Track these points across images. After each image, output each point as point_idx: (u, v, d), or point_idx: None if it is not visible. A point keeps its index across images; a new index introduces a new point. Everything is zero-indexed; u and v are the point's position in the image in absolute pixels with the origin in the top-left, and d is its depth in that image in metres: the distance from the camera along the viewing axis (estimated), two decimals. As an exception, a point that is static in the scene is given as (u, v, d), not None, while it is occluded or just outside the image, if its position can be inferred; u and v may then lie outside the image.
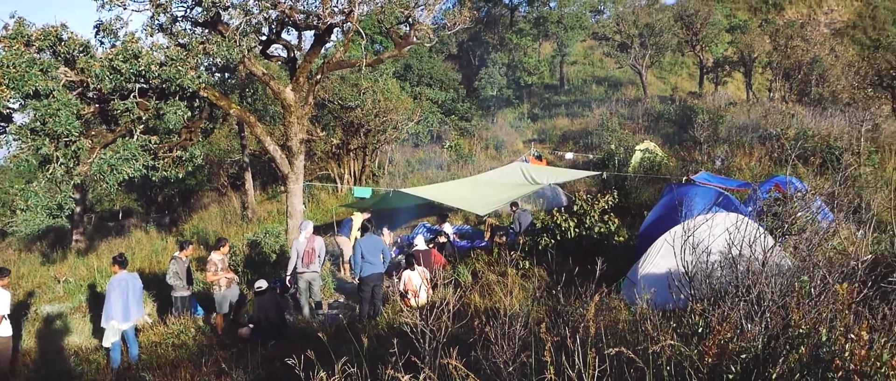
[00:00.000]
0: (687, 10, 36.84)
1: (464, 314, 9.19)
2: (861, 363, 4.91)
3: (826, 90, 28.87)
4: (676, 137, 26.12)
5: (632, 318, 8.28)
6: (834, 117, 23.44)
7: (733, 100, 32.96)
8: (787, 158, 19.15)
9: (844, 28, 46.48)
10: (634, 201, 18.37)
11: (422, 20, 16.23)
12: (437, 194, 16.83)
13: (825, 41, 35.32)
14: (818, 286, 6.42)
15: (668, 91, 37.97)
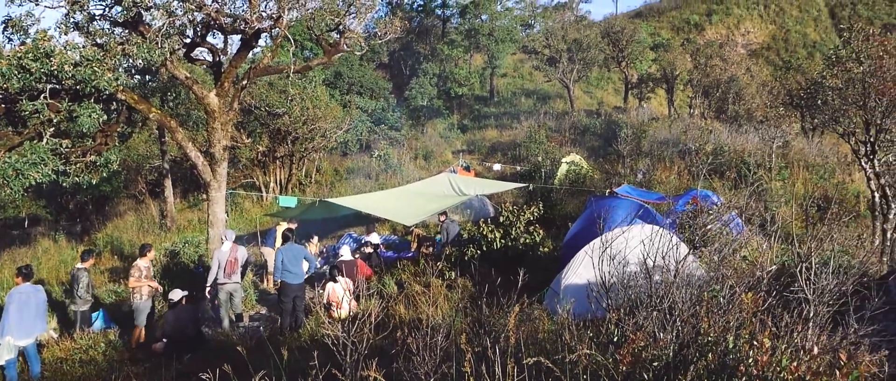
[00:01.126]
0: (614, 28, 37.82)
1: (388, 326, 9.13)
2: (763, 368, 5.10)
3: (742, 108, 30.08)
4: (601, 150, 26.72)
5: (553, 328, 8.41)
6: (748, 134, 24.46)
7: (656, 115, 33.99)
8: (703, 172, 19.88)
9: (760, 49, 48.67)
10: (559, 212, 18.68)
11: (353, 28, 16.13)
12: (365, 204, 16.68)
13: (742, 61, 36.85)
14: (727, 296, 6.65)
15: (594, 105, 38.82)
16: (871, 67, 15.94)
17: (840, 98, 16.77)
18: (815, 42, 47.37)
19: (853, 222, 17.05)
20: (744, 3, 51.99)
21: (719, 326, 5.99)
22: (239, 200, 22.51)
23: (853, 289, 6.57)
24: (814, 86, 18.84)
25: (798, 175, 20.71)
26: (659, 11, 54.43)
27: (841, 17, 48.81)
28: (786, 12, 51.10)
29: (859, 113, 16.28)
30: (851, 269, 6.85)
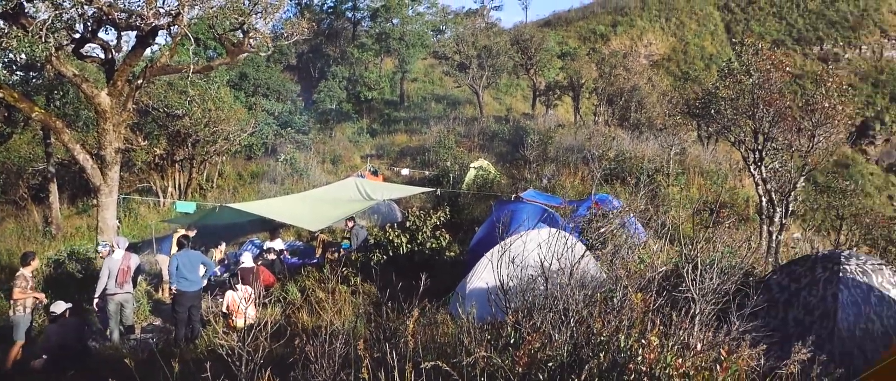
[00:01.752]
0: (523, 36, 38.55)
1: (290, 334, 8.91)
2: (651, 365, 5.23)
3: (643, 116, 31.18)
4: (509, 155, 27.08)
5: (454, 332, 8.42)
6: (649, 141, 25.36)
7: (562, 122, 34.80)
8: (606, 177, 20.47)
9: (661, 60, 50.73)
10: (466, 217, 18.79)
11: (259, 28, 15.72)
12: (269, 210, 16.27)
13: (644, 71, 38.24)
14: (620, 297, 6.80)
15: (503, 111, 39.40)
16: (759, 79, 16.78)
17: (732, 108, 17.57)
18: (711, 55, 49.74)
19: (743, 224, 17.94)
20: (647, 16, 54.10)
21: (612, 326, 6.14)
22: (134, 205, 21.43)
23: (737, 288, 6.84)
24: (708, 96, 19.70)
25: (694, 180, 21.62)
26: (567, 21, 55.94)
27: (735, 32, 51.44)
28: (685, 26, 53.50)
29: (749, 122, 17.12)
30: (735, 269, 7.11)
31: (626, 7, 55.61)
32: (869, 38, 49.57)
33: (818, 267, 8.86)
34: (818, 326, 8.27)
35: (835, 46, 49.74)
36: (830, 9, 52.26)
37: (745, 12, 54.56)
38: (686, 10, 54.82)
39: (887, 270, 8.90)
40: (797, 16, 52.76)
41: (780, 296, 9.00)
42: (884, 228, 19.42)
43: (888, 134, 43.82)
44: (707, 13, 54.85)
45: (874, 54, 49.17)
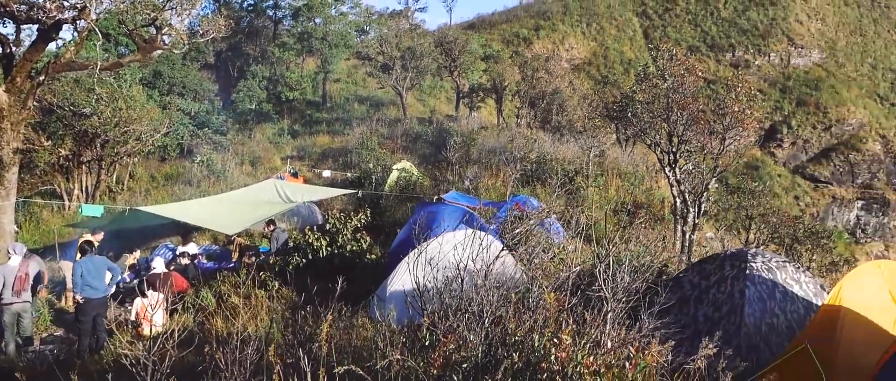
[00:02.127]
0: (447, 38, 38.60)
1: (200, 341, 8.61)
2: (563, 364, 5.26)
3: (564, 119, 31.74)
4: (432, 157, 27.07)
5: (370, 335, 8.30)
6: (569, 143, 25.81)
7: (485, 124, 35.04)
8: (527, 179, 20.70)
9: (582, 64, 51.81)
10: (389, 219, 18.69)
11: (174, 24, 15.15)
12: (183, 213, 15.71)
13: (565, 75, 38.98)
14: (535, 296, 6.82)
15: (426, 113, 39.40)
16: (674, 83, 17.29)
17: (648, 112, 18.04)
18: (630, 60, 51.13)
19: (658, 224, 18.44)
20: (568, 21, 55.15)
21: (527, 325, 6.16)
22: (35, 209, 20.28)
23: (648, 286, 6.96)
24: (626, 100, 20.18)
25: (612, 182, 22.11)
26: (491, 24, 56.44)
27: (653, 38, 53.05)
28: (605, 31, 54.83)
29: (664, 125, 17.61)
30: (648, 268, 7.23)
31: (549, 11, 56.56)
32: (777, 46, 51.99)
33: (726, 265, 9.13)
34: (726, 321, 8.52)
35: (746, 53, 51.95)
36: (742, 17, 54.57)
37: (663, 19, 56.36)
38: (606, 16, 56.19)
39: (790, 267, 9.26)
40: (711, 23, 54.85)
41: (692, 293, 9.24)
42: (789, 227, 20.35)
43: (794, 137, 46.02)
44: (626, 19, 56.39)
45: (782, 61, 51.60)
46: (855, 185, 44.79)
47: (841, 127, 46.40)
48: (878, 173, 45.15)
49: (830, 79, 49.99)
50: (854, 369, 7.22)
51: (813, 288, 9.02)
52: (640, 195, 21.32)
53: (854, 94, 49.18)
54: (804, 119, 46.68)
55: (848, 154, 45.28)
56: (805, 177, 44.84)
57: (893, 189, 45.22)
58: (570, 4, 57.62)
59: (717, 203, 21.09)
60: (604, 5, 57.38)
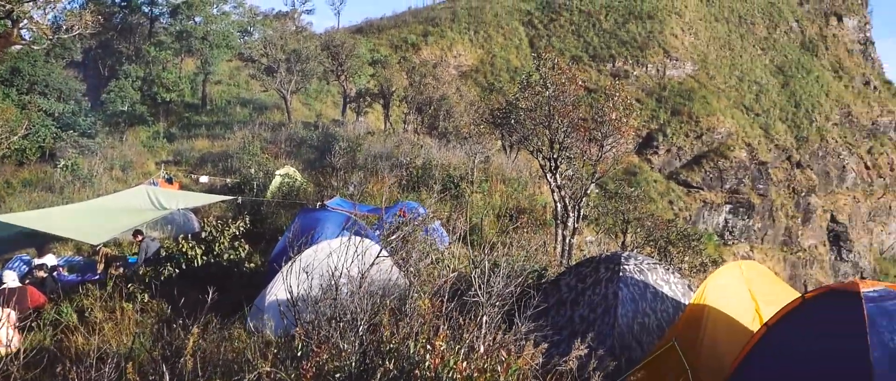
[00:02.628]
0: (334, 41, 38.04)
1: (49, 360, 7.97)
2: (436, 370, 5.18)
3: (451, 125, 31.98)
4: (317, 162, 26.55)
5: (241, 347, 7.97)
6: (455, 149, 25.99)
7: (372, 129, 34.77)
8: (413, 185, 20.64)
9: (469, 71, 52.54)
10: (270, 226, 18.17)
11: (36, 18, 14.06)
12: (42, 222, 14.57)
13: (453, 81, 39.37)
14: (412, 303, 6.69)
15: (312, 117, 38.64)
16: (555, 91, 17.70)
17: (530, 119, 18.38)
18: (516, 68, 52.28)
19: (540, 229, 18.83)
20: (457, 28, 55.82)
21: (402, 332, 6.05)
22: None
23: (524, 290, 6.99)
24: (509, 107, 20.49)
25: (496, 187, 22.41)
26: (379, 29, 56.26)
27: (538, 47, 54.48)
28: (493, 39, 55.90)
29: (546, 132, 18.00)
30: (523, 272, 7.26)
31: (437, 18, 57.05)
32: (654, 58, 54.73)
33: (602, 268, 9.38)
34: (601, 322, 8.74)
35: (625, 64, 54.34)
36: (622, 29, 57.10)
37: (548, 29, 58.09)
38: (494, 24, 57.29)
39: (660, 268, 9.63)
40: (593, 35, 57.07)
41: (569, 295, 9.43)
42: (663, 230, 21.28)
43: (669, 145, 48.52)
44: (513, 28, 57.71)
45: (658, 72, 54.37)
46: (723, 190, 47.77)
47: (711, 135, 49.37)
48: (744, 179, 48.35)
49: (702, 90, 53.13)
50: (717, 364, 7.54)
51: (681, 288, 9.42)
52: (524, 201, 21.72)
53: (723, 104, 52.50)
54: (678, 128, 49.34)
55: (717, 161, 48.23)
56: (679, 182, 47.35)
57: (757, 194, 48.55)
58: (459, 12, 58.37)
59: (596, 208, 21.78)
60: (491, 14, 58.48)
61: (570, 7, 59.93)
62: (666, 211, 41.71)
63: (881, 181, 62.15)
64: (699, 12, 63.01)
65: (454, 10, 59.29)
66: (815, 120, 58.34)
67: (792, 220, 51.05)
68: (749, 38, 63.72)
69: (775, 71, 61.62)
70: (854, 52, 72.05)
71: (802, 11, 70.54)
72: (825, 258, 53.62)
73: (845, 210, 56.80)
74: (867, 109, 65.18)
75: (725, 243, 46.06)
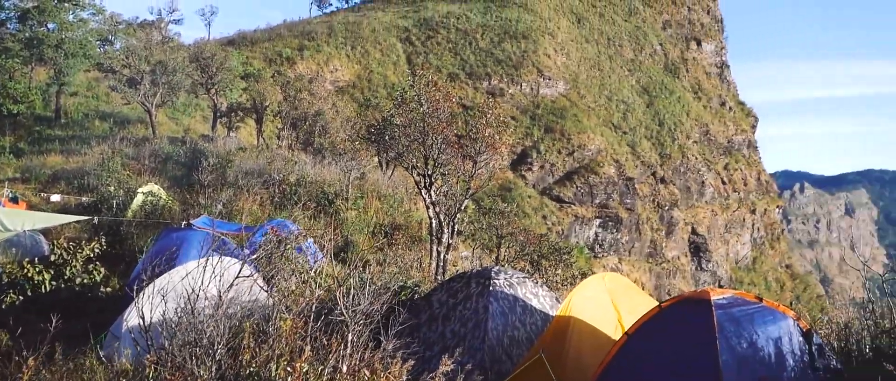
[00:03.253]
0: (204, 53, 36.49)
1: None
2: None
3: (326, 141, 31.50)
4: (184, 180, 25.34)
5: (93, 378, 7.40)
6: (331, 166, 25.58)
7: (244, 145, 33.64)
8: (285, 202, 20.10)
9: (346, 87, 52.09)
10: (130, 247, 17.15)
11: None
12: None
13: (329, 97, 38.80)
14: (275, 323, 6.40)
15: (179, 132, 36.90)
16: (430, 108, 17.81)
17: (405, 135, 18.39)
18: (394, 84, 52.35)
19: (416, 245, 18.82)
20: (334, 43, 55.27)
21: (264, 355, 5.80)
22: None
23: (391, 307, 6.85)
24: (385, 123, 20.43)
25: (372, 204, 22.21)
26: (252, 41, 54.76)
27: (416, 64, 54.86)
28: (370, 55, 55.76)
29: (420, 148, 18.06)
30: (390, 289, 7.12)
31: (314, 32, 56.28)
32: (528, 77, 56.48)
33: (473, 283, 9.41)
34: (471, 336, 8.76)
35: (501, 82, 55.73)
36: (497, 48, 58.58)
37: (425, 46, 58.68)
38: (371, 40, 57.20)
39: (530, 282, 9.79)
40: (470, 53, 58.19)
41: (440, 311, 9.39)
42: (536, 244, 21.84)
43: (543, 161, 50.09)
44: (390, 44, 57.85)
45: (532, 91, 56.13)
46: (593, 204, 49.84)
47: (582, 152, 51.46)
48: (613, 194, 50.69)
49: (573, 108, 55.35)
50: (582, 374, 7.72)
51: (550, 301, 9.62)
52: (399, 217, 21.66)
53: (593, 122, 54.90)
54: (551, 145, 51.07)
55: (588, 177, 50.30)
56: (551, 198, 48.94)
57: (625, 208, 50.99)
58: (336, 26, 57.89)
59: (471, 223, 22.05)
60: (369, 29, 58.41)
61: (448, 25, 60.90)
62: (539, 226, 42.94)
63: (736, 195, 67.15)
64: (571, 34, 65.78)
65: (331, 25, 58.75)
66: (677, 138, 62.19)
67: (657, 233, 54.00)
68: (617, 59, 67.18)
69: (641, 91, 65.22)
70: (712, 74, 77.75)
71: (665, 36, 75.30)
72: (687, 269, 57.07)
73: (704, 223, 60.79)
74: (723, 128, 70.36)
75: (596, 255, 48.00)
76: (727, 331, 6.66)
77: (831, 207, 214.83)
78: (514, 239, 21.71)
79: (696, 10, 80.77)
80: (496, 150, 18.49)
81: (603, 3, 74.32)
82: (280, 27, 60.15)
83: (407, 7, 69.93)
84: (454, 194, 18.24)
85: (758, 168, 75.07)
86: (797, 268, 79.91)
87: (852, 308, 9.15)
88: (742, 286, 59.13)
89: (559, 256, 21.40)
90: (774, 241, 73.51)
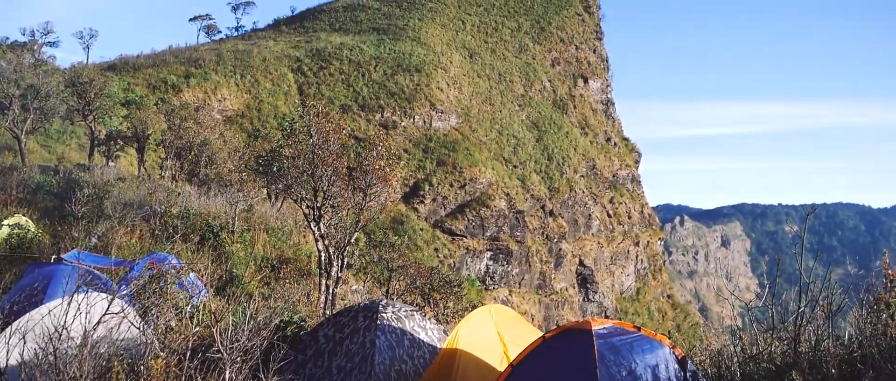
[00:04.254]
0: (81, 78, 34.60)
1: None
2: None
3: (213, 172, 30.46)
4: (57, 211, 23.79)
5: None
6: (217, 197, 24.73)
7: (124, 175, 32.05)
8: (168, 235, 19.25)
9: (235, 116, 50.71)
10: (-8, 284, 15.83)
11: None
12: None
13: (216, 126, 37.60)
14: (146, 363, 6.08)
15: (53, 161, 34.74)
16: (320, 139, 17.63)
17: (294, 167, 18.08)
18: (285, 114, 51.35)
19: (304, 279, 18.43)
20: (222, 71, 53.77)
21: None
22: None
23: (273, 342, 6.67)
24: (273, 154, 20.01)
25: (259, 237, 21.61)
26: (135, 67, 52.42)
27: (308, 95, 54.32)
28: (260, 84, 54.59)
29: (310, 180, 17.80)
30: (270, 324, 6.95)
31: (201, 59, 54.58)
32: (421, 110, 56.96)
33: (360, 317, 9.31)
34: (358, 371, 8.64)
35: (394, 114, 55.92)
36: (390, 81, 58.84)
37: (317, 77, 58.15)
38: (261, 69, 56.12)
39: (417, 315, 9.79)
40: (362, 84, 58.12)
41: (326, 346, 9.22)
42: (426, 277, 21.89)
43: (435, 194, 50.45)
44: (281, 74, 56.96)
45: (425, 124, 56.63)
46: (485, 237, 50.58)
47: (474, 185, 52.23)
48: (504, 227, 51.66)
49: (465, 142, 56.22)
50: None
51: (438, 334, 9.65)
52: (288, 250, 21.16)
53: (484, 156, 55.93)
54: (443, 177, 51.55)
55: (479, 210, 51.04)
56: (444, 230, 49.31)
57: (515, 241, 52.03)
58: (224, 54, 56.50)
59: (362, 257, 21.86)
60: (259, 58, 57.38)
61: (341, 56, 60.76)
62: (431, 258, 43.10)
63: (621, 228, 70.05)
64: (463, 68, 67.12)
65: (219, 53, 57.28)
66: (566, 172, 64.33)
67: (546, 264, 55.38)
68: (508, 94, 69.03)
69: (531, 126, 67.17)
70: (598, 111, 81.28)
71: (554, 72, 78.20)
72: (575, 300, 58.74)
73: (591, 255, 62.93)
74: (609, 163, 73.46)
75: (487, 288, 48.61)
76: (607, 360, 6.89)
77: (709, 239, 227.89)
78: (405, 272, 21.67)
79: (584, 48, 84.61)
80: (387, 182, 18.49)
81: (494, 40, 76.50)
82: (165, 53, 57.98)
83: (299, 37, 69.31)
84: (344, 227, 18.04)
85: (641, 202, 78.80)
86: (678, 298, 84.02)
87: (726, 335, 9.70)
88: (626, 316, 61.57)
89: (450, 288, 21.53)
90: (657, 272, 77.08)
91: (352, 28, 73.08)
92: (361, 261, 21.54)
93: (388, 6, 78.67)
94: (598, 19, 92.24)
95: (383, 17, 75.01)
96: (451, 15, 77.46)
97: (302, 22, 79.78)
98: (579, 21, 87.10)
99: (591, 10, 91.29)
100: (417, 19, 73.05)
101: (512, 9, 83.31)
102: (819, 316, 7.53)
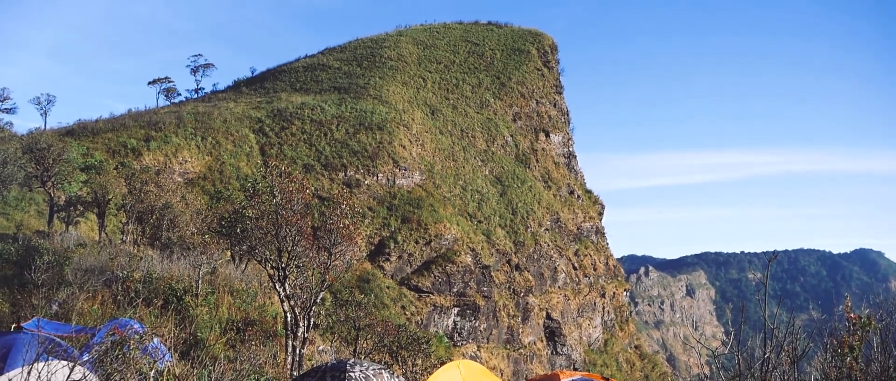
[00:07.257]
0: (39, 143, 34.28)
1: None
2: None
3: (175, 235, 30.19)
4: (16, 279, 23.31)
5: None
6: (180, 261, 24.50)
7: (85, 241, 31.55)
8: (130, 300, 19.01)
9: (196, 178, 50.34)
10: (-55, 356, 15.37)
11: None
12: None
13: (178, 189, 37.39)
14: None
15: (11, 229, 34.06)
16: (283, 199, 17.73)
17: (258, 227, 18.11)
18: (247, 175, 51.29)
19: (270, 341, 18.27)
20: (183, 133, 53.51)
21: None
22: None
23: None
24: (236, 215, 20.00)
25: (224, 300, 21.42)
26: (94, 132, 51.87)
27: (270, 155, 54.26)
28: (222, 146, 54.41)
29: (274, 241, 17.82)
30: None
31: (161, 122, 54.27)
32: (384, 168, 57.22)
33: (328, 377, 9.33)
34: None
35: (357, 173, 56.05)
36: (353, 139, 59.14)
37: (279, 137, 58.21)
38: (222, 131, 56.01)
39: (386, 373, 9.83)
40: (325, 143, 58.29)
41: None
42: (394, 335, 21.85)
43: (401, 251, 50.41)
44: (243, 135, 56.89)
45: (389, 181, 56.84)
46: (451, 293, 50.49)
47: (439, 242, 52.33)
48: (470, 282, 51.68)
49: (430, 198, 56.49)
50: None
51: (405, 391, 9.69)
52: (253, 312, 20.98)
53: (449, 212, 56.20)
54: (408, 234, 51.59)
55: (445, 266, 51.04)
56: (410, 288, 49.13)
57: (482, 296, 52.03)
58: (184, 117, 56.35)
59: (328, 316, 21.77)
60: (220, 120, 57.34)
61: (302, 116, 61.03)
62: (398, 316, 42.83)
63: (586, 280, 70.52)
64: (425, 125, 67.86)
65: (179, 115, 57.09)
66: (530, 226, 64.84)
67: (513, 319, 55.30)
68: (470, 150, 69.84)
69: (494, 181, 67.87)
70: (560, 164, 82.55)
71: (516, 127, 79.45)
72: (543, 353, 58.56)
73: (558, 308, 63.07)
74: (573, 216, 74.30)
75: (455, 344, 48.32)
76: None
77: (674, 288, 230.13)
78: (372, 330, 21.61)
79: (544, 103, 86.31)
80: (353, 241, 18.60)
81: (455, 96, 77.70)
82: (124, 117, 57.57)
83: (259, 98, 69.57)
84: (310, 287, 18.03)
85: (606, 253, 79.60)
86: (645, 348, 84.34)
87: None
88: (595, 368, 61.50)
89: (418, 346, 21.52)
90: (624, 323, 77.44)
91: (313, 87, 73.66)
92: (328, 321, 21.44)
93: (348, 65, 79.64)
94: (558, 74, 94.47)
95: (344, 76, 75.84)
96: (411, 73, 78.66)
97: (262, 83, 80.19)
98: (539, 76, 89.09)
99: (550, 64, 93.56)
100: (378, 78, 73.99)
101: (472, 65, 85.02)
102: (784, 362, 7.67)
